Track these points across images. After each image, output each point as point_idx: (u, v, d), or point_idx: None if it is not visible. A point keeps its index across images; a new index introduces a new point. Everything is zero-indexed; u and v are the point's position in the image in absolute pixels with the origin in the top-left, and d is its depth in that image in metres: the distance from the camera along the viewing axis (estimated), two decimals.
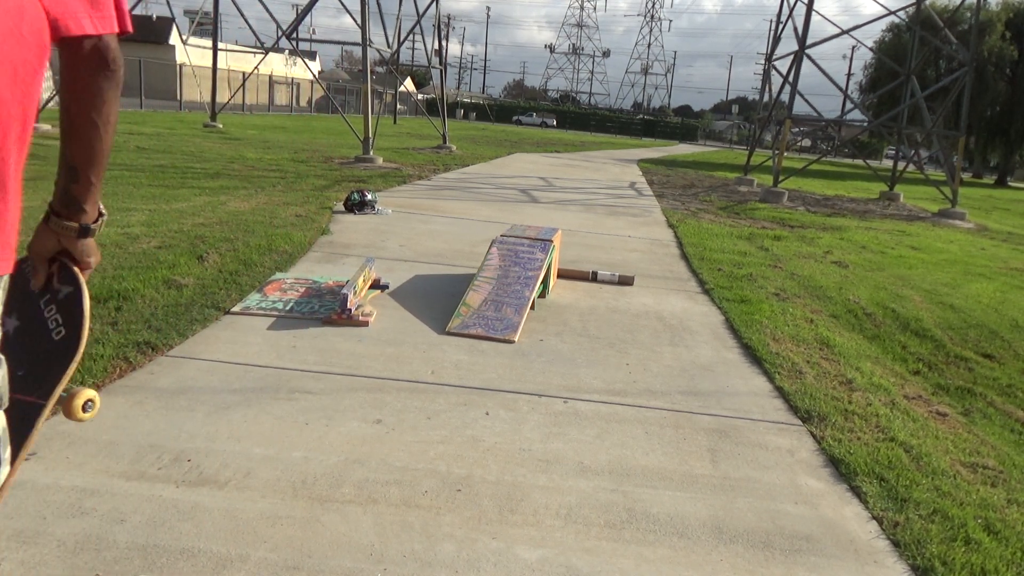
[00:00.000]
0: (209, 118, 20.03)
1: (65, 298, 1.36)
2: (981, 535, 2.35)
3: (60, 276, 1.38)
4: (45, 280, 1.34)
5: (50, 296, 1.37)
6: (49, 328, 1.35)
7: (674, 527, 2.25)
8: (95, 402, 1.35)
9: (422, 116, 35.67)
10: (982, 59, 30.03)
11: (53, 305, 1.36)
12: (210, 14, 21.84)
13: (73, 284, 1.37)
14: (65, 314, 1.36)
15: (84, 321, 1.35)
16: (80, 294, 1.36)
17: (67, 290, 1.37)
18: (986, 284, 7.46)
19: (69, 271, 1.38)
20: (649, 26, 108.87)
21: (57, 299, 1.36)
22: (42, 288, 1.38)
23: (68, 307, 1.36)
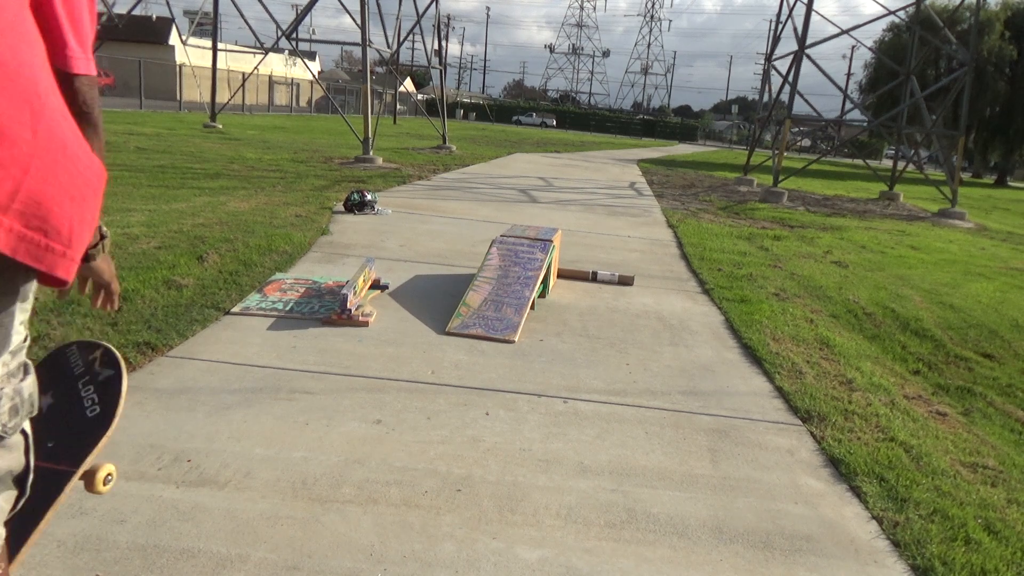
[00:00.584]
0: (209, 118, 20.03)
1: (105, 380, 1.44)
2: (981, 535, 2.35)
3: (103, 360, 1.46)
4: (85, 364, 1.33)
5: (89, 378, 1.45)
6: (84, 406, 1.41)
7: (674, 527, 2.25)
8: (114, 475, 1.41)
9: (422, 116, 35.68)
10: (982, 59, 30.03)
11: (92, 386, 1.43)
12: (210, 14, 21.85)
13: (114, 368, 1.45)
14: (102, 394, 1.42)
15: (120, 401, 1.41)
16: (120, 377, 1.44)
17: (107, 373, 1.45)
18: (986, 284, 7.46)
19: (112, 355, 1.46)
20: (649, 26, 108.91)
21: (96, 380, 1.44)
22: (83, 371, 1.46)
23: (106, 388, 1.43)
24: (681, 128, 67.60)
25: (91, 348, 1.48)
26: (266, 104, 36.66)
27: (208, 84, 21.39)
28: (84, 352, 1.47)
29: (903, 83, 17.33)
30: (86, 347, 1.49)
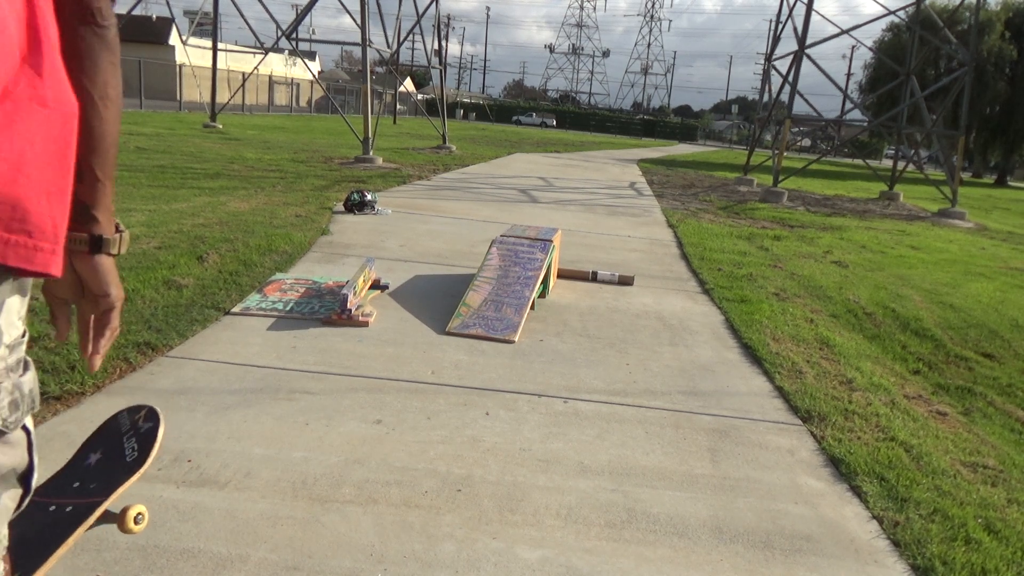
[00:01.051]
0: (209, 118, 20.03)
1: (145, 432, 1.62)
2: (981, 535, 2.35)
3: (145, 416, 1.66)
4: (90, 351, 1.12)
5: (133, 432, 1.64)
6: (125, 453, 1.59)
7: (674, 527, 2.25)
8: (144, 516, 1.57)
9: (422, 116, 35.68)
10: (982, 59, 30.03)
11: (134, 437, 1.62)
12: (210, 14, 21.85)
13: (154, 421, 1.64)
14: (141, 443, 1.61)
15: (156, 445, 1.60)
16: (158, 429, 1.62)
17: (148, 426, 1.64)
18: (986, 284, 7.46)
19: (154, 412, 1.66)
20: (649, 26, 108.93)
21: (139, 433, 1.62)
22: (128, 428, 1.62)
23: (146, 439, 1.61)
24: (681, 128, 67.60)
25: (137, 410, 1.70)
26: (266, 104, 36.66)
27: (208, 84, 21.39)
28: (131, 414, 1.69)
29: (903, 83, 17.33)
30: (133, 410, 1.70)
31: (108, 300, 1.08)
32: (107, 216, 1.05)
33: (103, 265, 1.06)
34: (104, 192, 1.04)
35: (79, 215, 1.03)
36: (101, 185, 1.03)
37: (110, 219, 1.06)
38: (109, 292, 1.08)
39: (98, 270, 1.06)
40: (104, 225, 1.04)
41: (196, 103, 27.52)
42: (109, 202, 1.05)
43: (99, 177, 1.03)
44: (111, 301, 1.08)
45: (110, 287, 1.07)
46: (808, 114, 18.92)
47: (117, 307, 1.10)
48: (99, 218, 1.04)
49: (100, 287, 1.07)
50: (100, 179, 1.03)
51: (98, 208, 1.04)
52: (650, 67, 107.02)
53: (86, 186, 1.02)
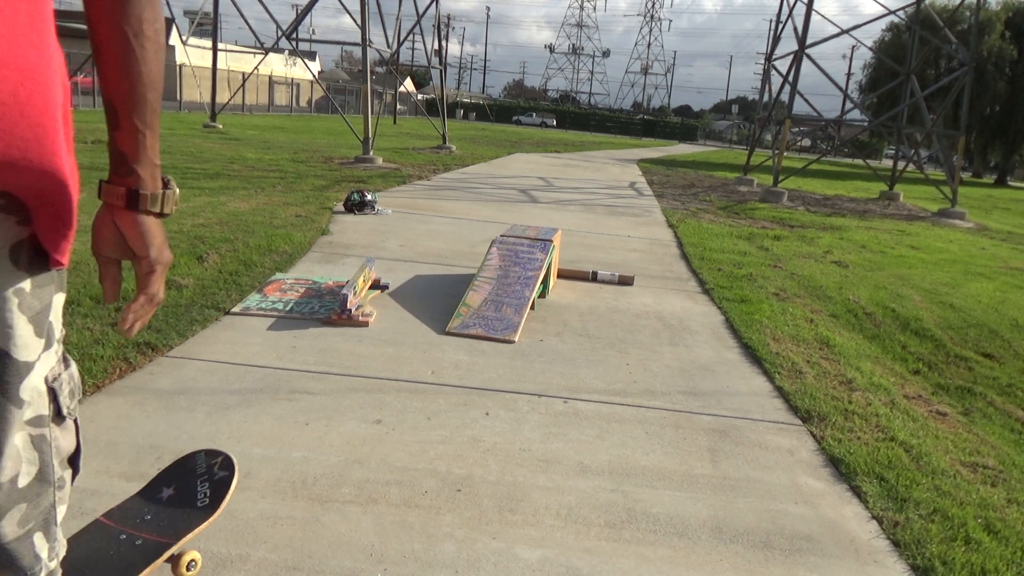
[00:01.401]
0: (209, 118, 20.03)
1: (219, 480, 1.69)
2: (981, 535, 2.35)
3: (222, 464, 1.73)
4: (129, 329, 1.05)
5: (207, 476, 1.70)
6: (197, 497, 1.66)
7: (674, 527, 2.25)
8: (197, 563, 1.63)
9: (422, 116, 35.67)
10: (982, 59, 30.03)
11: (208, 483, 1.68)
12: (210, 14, 21.85)
13: (229, 471, 1.71)
14: (214, 490, 1.67)
15: (228, 496, 1.66)
16: (232, 479, 1.69)
17: (223, 475, 1.70)
18: (986, 283, 7.46)
19: (230, 462, 1.73)
20: (649, 26, 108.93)
21: (213, 479, 1.69)
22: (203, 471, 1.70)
23: (219, 486, 1.68)
24: (681, 128, 67.60)
25: (215, 454, 1.77)
26: (266, 104, 36.66)
27: (208, 84, 21.39)
28: (208, 457, 1.76)
29: (903, 83, 17.33)
30: (211, 454, 1.77)
31: (147, 262, 0.99)
32: (149, 170, 0.96)
33: (142, 223, 0.97)
34: (143, 143, 0.95)
35: (118, 166, 0.96)
36: (140, 135, 0.94)
37: (153, 173, 0.97)
38: (147, 253, 0.99)
39: (136, 228, 0.97)
40: (145, 180, 0.96)
41: (196, 103, 27.52)
42: (152, 155, 0.96)
43: (137, 126, 0.94)
44: (150, 263, 0.99)
45: (149, 248, 0.98)
46: (808, 114, 18.93)
47: (157, 272, 1.01)
48: (138, 171, 0.95)
49: (138, 247, 0.98)
50: (139, 128, 0.94)
51: (138, 160, 0.95)
52: (650, 67, 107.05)
53: (123, 133, 0.94)
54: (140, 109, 0.93)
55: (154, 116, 0.95)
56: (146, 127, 0.94)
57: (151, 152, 0.96)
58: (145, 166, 0.96)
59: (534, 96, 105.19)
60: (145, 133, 0.94)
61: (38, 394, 0.92)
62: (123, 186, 0.96)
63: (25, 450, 0.91)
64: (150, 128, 0.95)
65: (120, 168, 0.96)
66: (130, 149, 0.95)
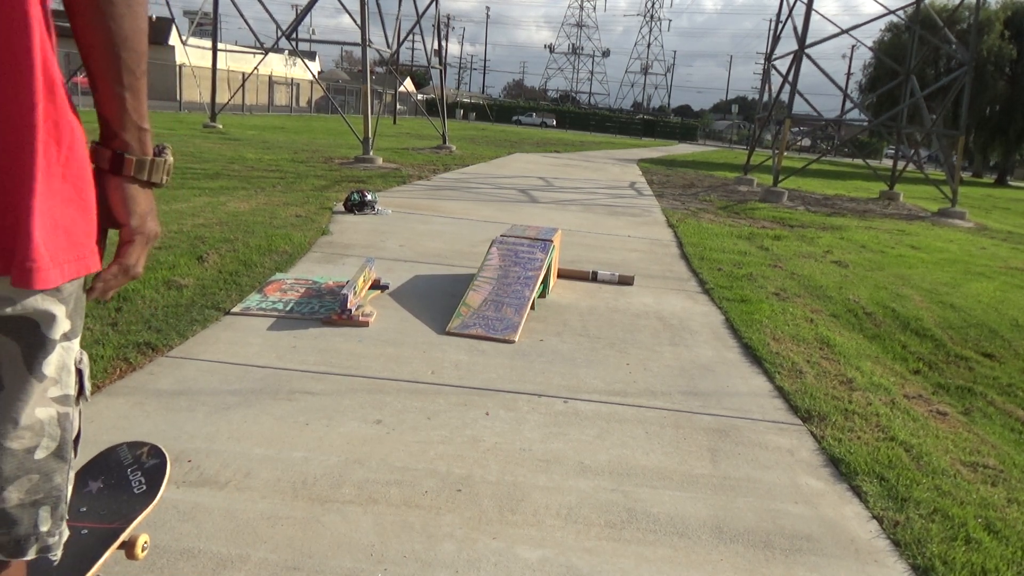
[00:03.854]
0: (209, 118, 20.02)
1: (151, 467, 1.72)
2: (981, 534, 2.35)
3: (149, 453, 1.74)
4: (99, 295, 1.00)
5: (137, 466, 1.72)
6: (132, 485, 1.69)
7: (674, 527, 2.25)
8: (148, 543, 1.66)
9: (422, 116, 35.67)
10: (981, 58, 30.03)
11: (139, 471, 1.71)
12: (210, 15, 21.85)
13: (160, 458, 1.74)
14: (148, 477, 1.70)
15: (164, 482, 1.69)
16: (164, 465, 1.73)
17: (154, 462, 1.73)
18: (986, 283, 7.46)
19: (157, 449, 1.76)
20: (649, 26, 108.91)
21: (144, 468, 1.72)
22: (131, 462, 1.71)
23: (152, 473, 1.71)
24: (681, 128, 67.58)
25: (138, 445, 1.79)
26: (266, 104, 36.65)
27: (208, 84, 21.39)
28: (132, 448, 1.77)
29: (903, 83, 17.33)
30: (134, 445, 1.79)
31: (127, 231, 0.95)
32: (135, 134, 0.93)
33: (126, 190, 0.94)
34: (124, 106, 0.91)
35: (104, 130, 0.94)
36: (119, 99, 0.91)
37: (141, 138, 0.94)
38: (127, 221, 0.94)
39: (119, 193, 0.94)
40: (130, 144, 0.93)
41: (196, 103, 27.51)
42: (137, 118, 0.93)
43: (115, 91, 0.90)
44: (129, 232, 0.95)
45: (129, 216, 0.94)
46: (808, 114, 18.92)
47: (136, 242, 0.96)
48: (123, 136, 0.93)
49: (120, 213, 0.94)
50: (117, 92, 0.91)
51: (120, 124, 0.92)
52: (650, 67, 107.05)
53: (102, 96, 0.91)
54: (115, 70, 0.89)
55: (133, 78, 0.91)
56: (125, 89, 0.91)
57: (135, 116, 0.93)
58: (130, 130, 0.93)
59: (534, 96, 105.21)
60: (125, 96, 0.91)
61: (67, 373, 0.95)
62: (109, 150, 0.93)
63: (50, 426, 0.94)
64: (130, 90, 0.91)
65: (106, 132, 0.94)
66: (111, 113, 0.92)
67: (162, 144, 0.99)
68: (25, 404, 0.90)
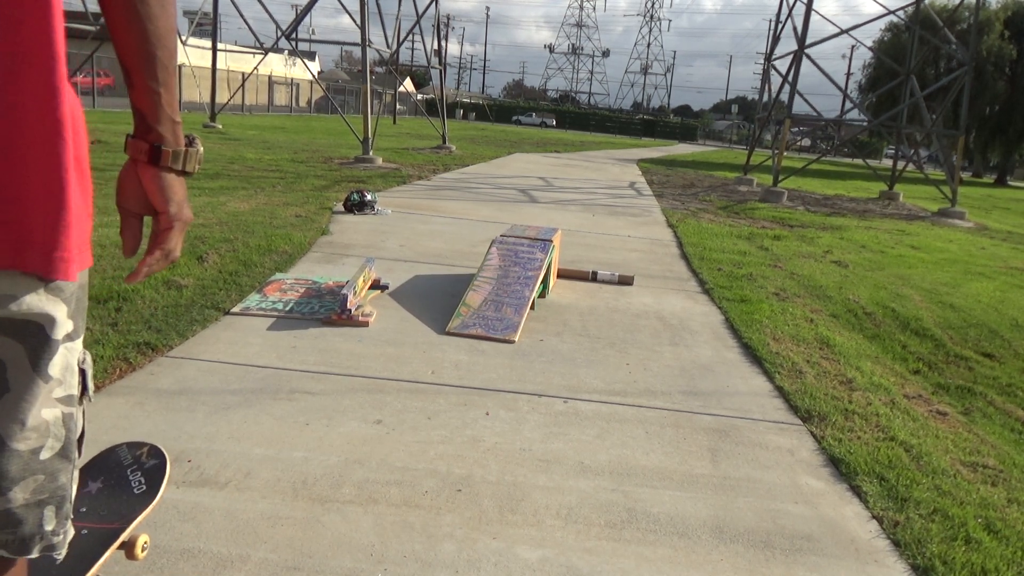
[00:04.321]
0: (208, 118, 20.02)
1: (151, 468, 1.73)
2: (981, 534, 2.35)
3: (148, 453, 1.75)
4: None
5: (137, 466, 1.73)
6: (132, 486, 1.69)
7: (674, 527, 2.25)
8: (148, 543, 1.67)
9: (422, 116, 35.67)
10: (981, 58, 30.03)
11: (139, 471, 1.72)
12: (209, 14, 21.84)
13: (159, 459, 1.75)
14: (148, 477, 1.71)
15: (164, 482, 1.70)
16: (164, 465, 1.73)
17: (153, 463, 1.74)
18: (986, 283, 7.46)
19: (159, 451, 1.76)
20: (649, 26, 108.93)
21: (143, 468, 1.73)
22: (131, 462, 1.72)
23: (152, 473, 1.72)
24: (681, 128, 67.59)
25: (138, 446, 1.79)
26: (266, 104, 36.63)
27: (208, 84, 21.38)
28: (132, 449, 1.78)
29: (903, 83, 17.33)
30: (134, 446, 1.79)
31: (166, 218, 1.02)
32: (170, 127, 1.00)
33: (163, 179, 1.01)
34: (159, 101, 0.98)
35: (139, 123, 1.00)
36: (154, 94, 0.98)
37: (175, 130, 1.01)
38: (167, 209, 1.02)
39: (157, 183, 1.01)
40: (166, 136, 1.00)
41: (196, 103, 27.50)
42: (171, 112, 1.00)
43: (150, 86, 0.97)
44: (168, 219, 1.02)
45: (168, 204, 1.01)
46: (808, 114, 18.93)
47: (175, 228, 1.03)
48: (158, 128, 0.99)
49: (158, 202, 1.02)
50: (151, 87, 0.97)
51: (156, 118, 0.99)
52: (650, 67, 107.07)
53: (138, 93, 0.98)
54: (150, 67, 0.96)
55: (166, 74, 0.97)
56: (159, 85, 0.97)
57: (169, 110, 0.99)
58: (165, 123, 0.99)
59: (534, 96, 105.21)
60: (159, 91, 0.98)
61: (71, 373, 0.96)
62: (146, 142, 1.00)
63: (55, 426, 0.95)
64: (164, 86, 0.98)
65: (141, 125, 1.00)
66: (147, 107, 0.98)
67: (192, 135, 1.05)
68: (32, 405, 0.91)
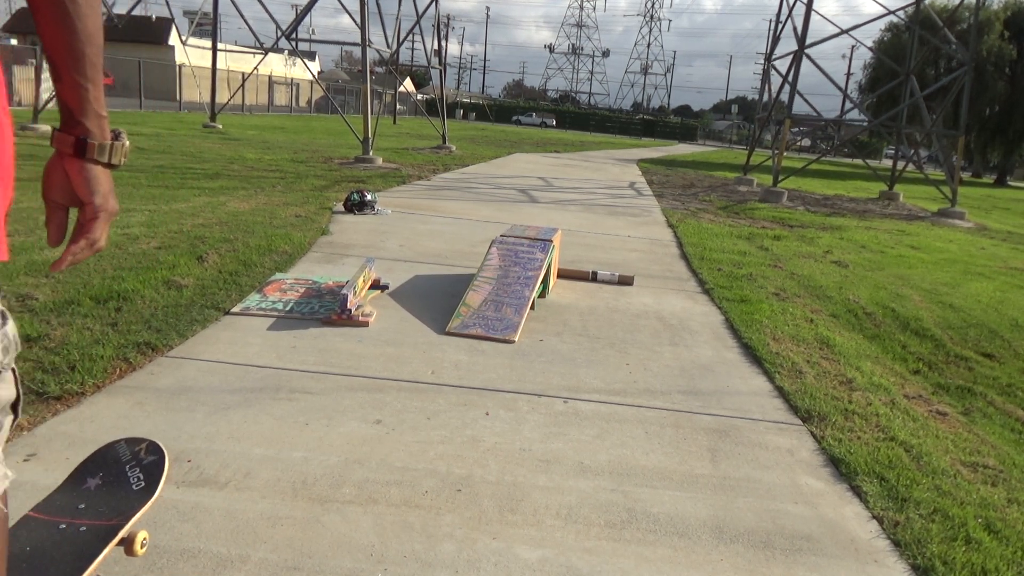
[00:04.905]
0: (208, 118, 20.02)
1: (149, 464, 1.74)
2: (981, 534, 2.35)
3: (147, 450, 1.76)
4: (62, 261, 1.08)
5: (136, 462, 1.74)
6: (131, 482, 1.70)
7: (674, 527, 2.25)
8: (148, 540, 1.68)
9: (422, 116, 35.67)
10: (981, 58, 30.02)
11: (137, 468, 1.73)
12: (209, 14, 21.84)
13: (158, 455, 1.75)
14: (147, 473, 1.72)
15: (163, 478, 1.71)
16: (163, 461, 1.74)
17: (152, 459, 1.75)
18: (986, 283, 7.46)
19: (157, 446, 1.77)
20: (649, 26, 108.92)
21: (142, 464, 1.74)
22: (129, 458, 1.73)
23: (151, 469, 1.73)
24: (681, 128, 67.58)
25: (136, 442, 1.80)
26: (266, 104, 36.64)
27: (208, 84, 21.39)
28: (131, 445, 1.79)
29: (903, 83, 17.33)
30: (132, 442, 1.80)
31: (91, 208, 1.04)
32: (96, 121, 1.03)
33: (89, 171, 1.03)
34: (86, 96, 1.01)
35: (67, 118, 1.03)
36: (82, 89, 1.01)
37: (101, 124, 1.04)
38: (92, 200, 1.04)
39: (83, 175, 1.03)
40: (91, 130, 1.03)
41: (196, 103, 27.50)
42: (98, 106, 1.03)
43: (77, 80, 1.00)
44: (94, 210, 1.05)
45: (93, 195, 1.04)
46: (808, 114, 18.92)
47: (101, 218, 1.05)
48: (84, 122, 1.02)
49: (84, 193, 1.04)
50: (79, 82, 1.00)
51: (83, 112, 1.02)
52: (650, 67, 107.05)
53: (66, 87, 1.00)
54: (79, 63, 0.98)
55: (94, 70, 1.00)
56: (87, 81, 1.00)
57: (95, 104, 1.02)
58: (91, 117, 1.02)
59: (534, 96, 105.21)
60: (87, 87, 1.00)
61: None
62: (72, 135, 1.02)
63: None
64: (92, 82, 1.01)
65: (68, 119, 1.02)
66: (74, 102, 1.01)
67: (117, 129, 1.08)
68: None
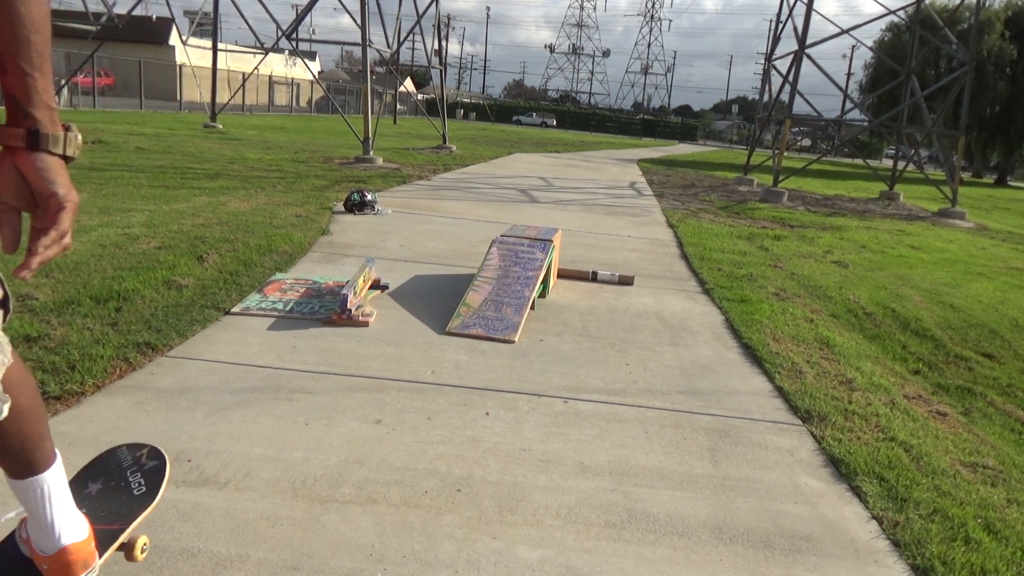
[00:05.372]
0: (209, 118, 20.02)
1: (151, 469, 1.74)
2: (981, 535, 2.35)
3: (148, 455, 1.76)
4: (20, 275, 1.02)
5: (137, 468, 1.74)
6: (132, 487, 1.70)
7: (674, 527, 2.25)
8: (148, 545, 1.69)
9: (422, 116, 35.66)
10: (982, 58, 30.01)
11: (139, 472, 1.73)
12: (210, 14, 21.84)
13: (159, 460, 1.76)
14: (148, 479, 1.72)
15: (164, 483, 1.71)
16: (164, 467, 1.74)
17: (153, 464, 1.75)
18: (986, 283, 7.46)
19: (158, 452, 1.77)
20: (649, 26, 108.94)
21: (143, 469, 1.74)
22: (131, 463, 1.72)
23: (152, 474, 1.73)
24: (681, 128, 67.57)
25: (138, 447, 1.80)
26: (266, 104, 36.64)
27: (208, 84, 21.39)
28: (132, 450, 1.79)
29: (903, 83, 17.33)
30: (134, 447, 1.80)
31: (55, 200, 1.00)
32: (46, 112, 0.98)
33: (45, 163, 0.98)
34: (34, 86, 0.96)
35: (14, 111, 0.97)
36: (29, 78, 0.96)
37: (51, 115, 0.99)
38: (55, 192, 0.99)
39: (39, 168, 0.97)
40: (42, 121, 0.98)
41: (196, 103, 27.50)
42: (47, 97, 0.98)
43: (25, 70, 0.95)
44: (58, 202, 1.00)
45: (55, 186, 0.98)
46: (808, 114, 18.91)
47: (67, 208, 1.01)
48: (34, 114, 0.97)
49: (43, 187, 0.99)
50: (27, 72, 0.95)
51: (31, 103, 0.97)
52: (650, 67, 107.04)
53: (12, 78, 0.95)
54: (25, 51, 0.93)
55: (41, 59, 0.96)
56: (34, 69, 0.95)
57: (44, 95, 0.97)
58: (40, 108, 0.97)
59: (534, 96, 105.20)
60: (34, 76, 0.95)
61: None
62: (22, 127, 0.97)
63: None
64: (39, 71, 0.96)
65: (16, 112, 0.97)
66: (21, 92, 0.96)
67: (68, 123, 1.03)
68: None
